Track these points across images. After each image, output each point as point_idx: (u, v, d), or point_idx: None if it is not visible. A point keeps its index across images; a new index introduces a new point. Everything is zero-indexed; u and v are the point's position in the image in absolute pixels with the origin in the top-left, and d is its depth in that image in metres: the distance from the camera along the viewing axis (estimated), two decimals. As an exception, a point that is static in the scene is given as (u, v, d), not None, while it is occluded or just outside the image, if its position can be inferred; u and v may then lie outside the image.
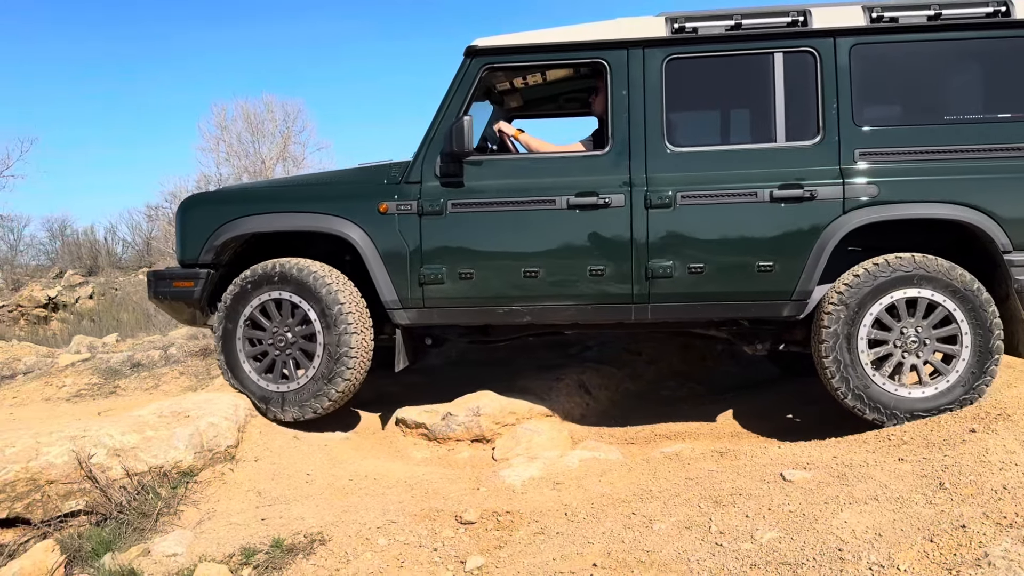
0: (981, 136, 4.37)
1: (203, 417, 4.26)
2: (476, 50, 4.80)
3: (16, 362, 11.72)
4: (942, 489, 3.30)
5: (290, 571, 3.33)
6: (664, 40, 4.62)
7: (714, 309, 4.60)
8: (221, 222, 4.93)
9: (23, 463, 3.76)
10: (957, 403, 4.24)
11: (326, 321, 4.72)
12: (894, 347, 4.35)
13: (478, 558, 3.29)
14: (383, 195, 4.82)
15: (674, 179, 4.56)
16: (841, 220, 4.38)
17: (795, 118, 4.52)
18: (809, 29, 4.49)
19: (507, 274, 4.70)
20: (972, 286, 4.29)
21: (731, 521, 3.25)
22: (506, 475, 4.16)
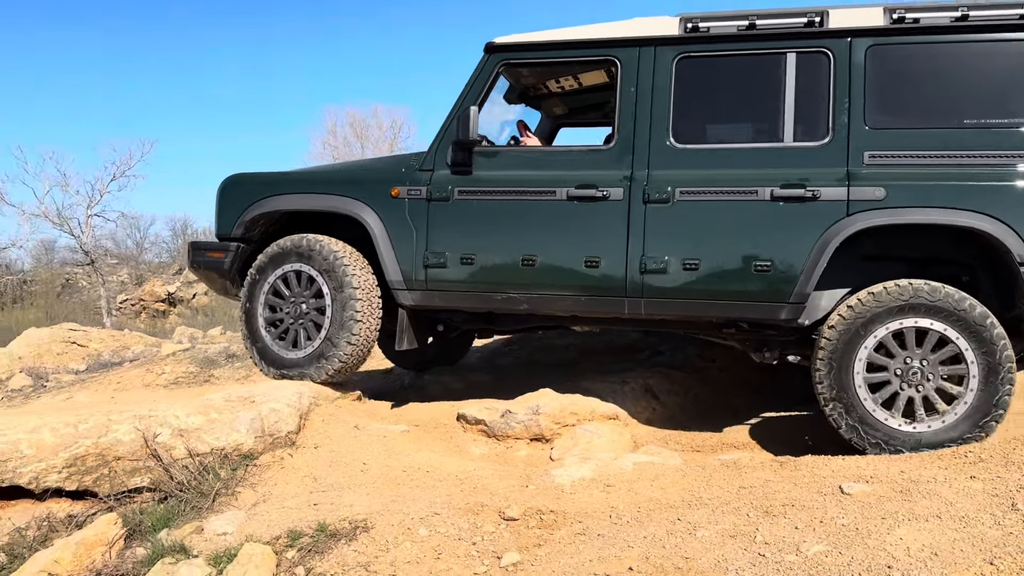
0: (1001, 141, 4.10)
1: (266, 403, 4.37)
2: (494, 47, 4.92)
3: (125, 350, 12.40)
4: (1014, 510, 3.06)
5: (331, 555, 3.37)
6: (676, 39, 4.61)
7: (709, 308, 4.52)
8: (252, 200, 5.22)
9: (94, 439, 3.94)
10: (961, 440, 3.98)
11: (335, 291, 4.94)
12: (895, 378, 4.14)
13: (514, 554, 3.25)
14: (398, 181, 4.99)
15: (674, 175, 4.53)
16: (844, 223, 4.21)
17: (804, 118, 4.41)
18: (825, 29, 4.37)
19: (506, 261, 4.79)
20: (978, 315, 4.03)
21: (778, 532, 3.11)
22: (557, 474, 4.10)
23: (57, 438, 3.89)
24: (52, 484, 3.83)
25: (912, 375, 4.10)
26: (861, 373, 4.17)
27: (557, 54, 4.94)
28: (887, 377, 4.16)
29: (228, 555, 3.36)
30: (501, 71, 4.91)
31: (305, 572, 3.31)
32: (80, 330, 12.89)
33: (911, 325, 4.12)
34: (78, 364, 11.69)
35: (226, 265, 5.30)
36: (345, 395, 5.03)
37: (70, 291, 32.25)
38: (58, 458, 3.84)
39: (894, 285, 4.17)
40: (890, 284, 4.18)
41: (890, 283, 4.18)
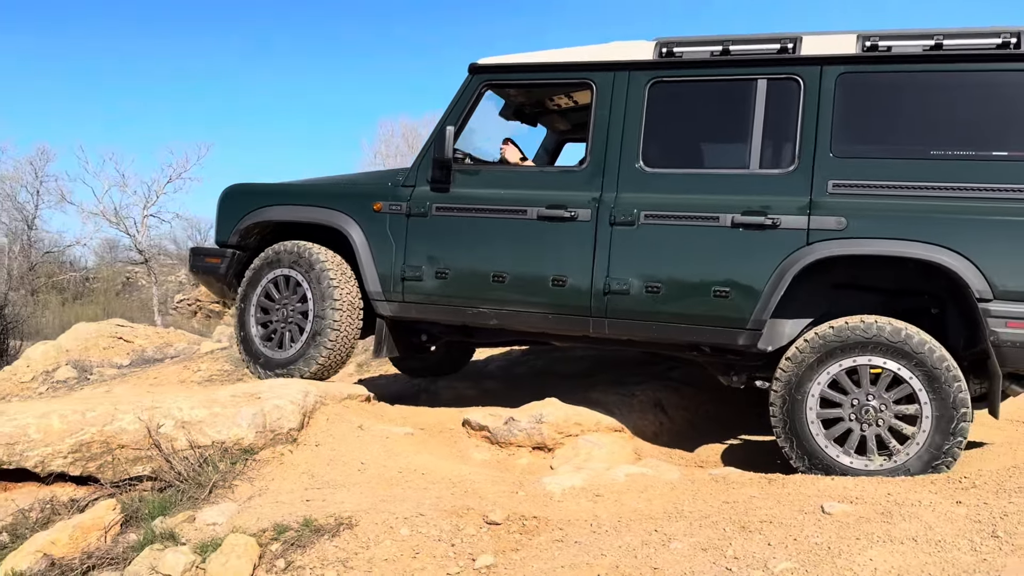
0: (966, 174, 4.02)
1: (270, 400, 4.47)
2: (478, 68, 5.06)
3: (168, 347, 12.75)
4: (993, 537, 3.00)
5: (313, 550, 3.44)
6: (649, 64, 4.64)
7: (669, 330, 4.54)
8: (248, 210, 5.48)
9: (99, 426, 4.08)
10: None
11: (317, 294, 5.15)
12: (848, 415, 4.09)
13: (489, 557, 3.29)
14: (382, 196, 5.15)
15: (641, 199, 4.56)
16: (803, 251, 4.18)
17: (771, 146, 4.40)
18: (796, 56, 4.34)
19: (477, 277, 4.90)
20: (932, 355, 3.96)
21: (751, 548, 3.09)
22: (548, 482, 4.12)
23: (64, 424, 4.04)
24: (57, 469, 3.97)
25: (865, 413, 4.05)
26: (815, 408, 4.14)
27: (537, 76, 5.08)
28: (841, 413, 4.12)
29: (214, 544, 3.46)
30: (484, 91, 5.05)
31: (286, 564, 3.39)
32: (127, 326, 13.27)
33: (865, 363, 4.08)
34: (122, 359, 12.04)
35: (222, 270, 5.57)
36: (354, 396, 5.11)
37: (130, 289, 33.23)
38: (64, 444, 3.98)
39: (853, 321, 4.13)
40: (851, 319, 4.14)
41: (851, 318, 4.14)
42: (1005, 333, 3.86)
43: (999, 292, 3.88)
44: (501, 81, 5.12)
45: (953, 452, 3.94)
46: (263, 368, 5.34)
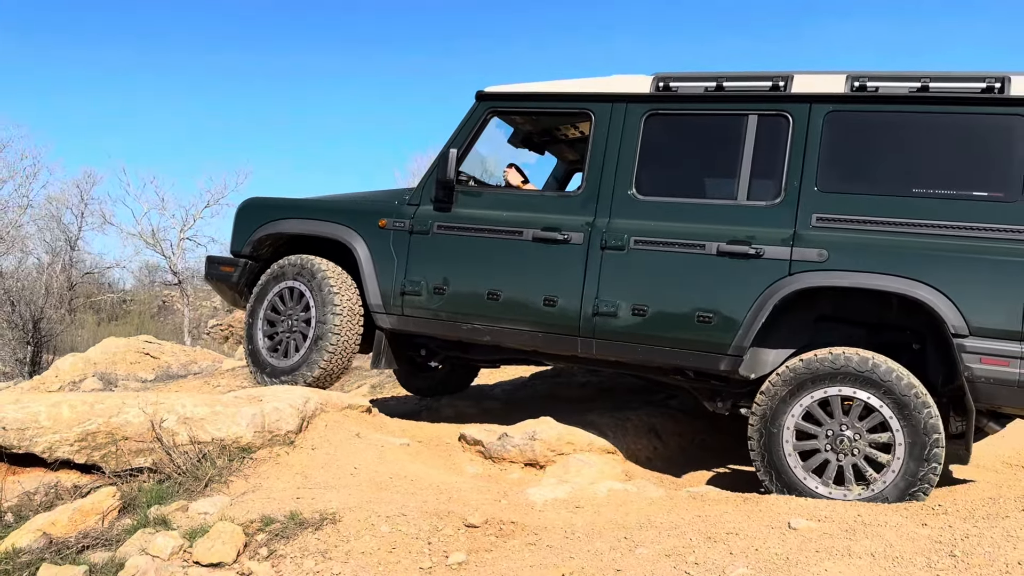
0: (949, 212, 4.11)
1: (270, 402, 4.64)
2: (484, 95, 5.28)
3: (193, 364, 13.04)
4: (950, 556, 3.06)
5: (296, 541, 3.58)
6: (646, 96, 4.82)
7: (654, 353, 4.65)
8: (261, 223, 5.73)
9: (106, 418, 4.27)
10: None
11: (319, 302, 5.36)
12: (824, 446, 4.16)
13: (461, 555, 3.40)
14: (387, 213, 5.37)
15: (631, 225, 4.71)
16: (784, 281, 4.28)
17: (759, 178, 4.52)
18: (787, 94, 4.48)
19: (473, 294, 5.07)
20: (899, 383, 4.02)
21: (712, 555, 3.18)
22: (531, 493, 4.23)
23: (73, 414, 4.24)
24: (63, 456, 4.16)
25: (840, 443, 4.12)
26: (791, 441, 4.22)
27: (540, 105, 5.29)
28: (817, 444, 4.19)
29: (202, 530, 3.61)
30: (490, 118, 5.28)
31: (268, 552, 3.53)
32: (155, 343, 13.63)
33: (836, 394, 4.16)
34: (147, 374, 12.36)
35: (234, 279, 5.83)
36: (354, 406, 5.26)
37: (165, 312, 33.84)
38: (72, 432, 4.18)
39: (821, 353, 4.21)
40: (820, 352, 4.22)
41: (820, 351, 4.23)
42: (979, 369, 3.92)
43: (974, 328, 3.94)
44: (506, 108, 5.35)
45: (928, 478, 3.98)
46: (269, 377, 5.53)
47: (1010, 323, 3.91)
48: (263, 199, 6.03)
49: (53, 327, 20.84)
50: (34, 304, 20.56)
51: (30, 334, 19.49)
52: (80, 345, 21.41)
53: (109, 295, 33.39)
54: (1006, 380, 3.89)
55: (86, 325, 28.19)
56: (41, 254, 29.62)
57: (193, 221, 31.41)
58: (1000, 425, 4.29)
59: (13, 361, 18.90)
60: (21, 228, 28.69)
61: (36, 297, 21.46)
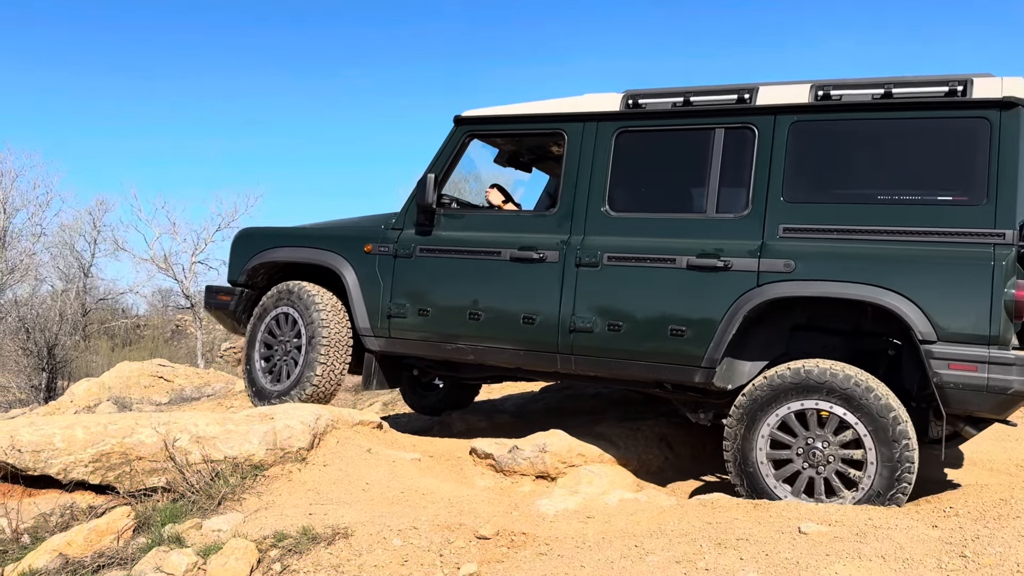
0: (915, 218, 4.12)
1: (281, 420, 4.68)
2: (461, 119, 5.39)
3: (206, 387, 13.11)
4: (961, 557, 3.06)
5: (309, 556, 3.60)
6: (616, 114, 4.89)
7: (631, 367, 4.70)
8: (255, 252, 5.87)
9: (119, 438, 4.32)
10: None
11: (308, 324, 5.49)
12: (796, 457, 4.17)
13: (473, 566, 3.42)
14: (372, 238, 5.48)
15: (605, 241, 4.76)
16: (753, 292, 4.31)
17: (727, 191, 4.55)
18: (752, 106, 4.51)
19: (455, 314, 5.14)
20: (857, 388, 4.03)
21: (723, 561, 3.18)
22: (542, 504, 4.25)
23: (87, 435, 4.29)
24: (78, 477, 4.21)
25: (813, 455, 4.13)
26: (764, 450, 4.24)
27: (515, 127, 5.39)
28: (790, 455, 4.21)
29: (216, 548, 3.64)
30: (469, 141, 5.38)
31: (282, 568, 3.55)
32: (168, 366, 13.71)
33: (809, 407, 4.16)
34: (161, 397, 12.43)
35: (231, 307, 5.96)
36: (365, 422, 5.29)
37: (178, 337, 34.02)
38: (86, 453, 4.23)
39: (780, 369, 4.24)
40: (793, 364, 4.24)
41: (794, 363, 4.24)
42: (947, 375, 3.91)
43: (943, 334, 3.93)
44: (484, 132, 5.45)
45: (902, 487, 3.97)
46: (263, 400, 5.67)
47: (978, 327, 3.89)
48: (257, 229, 6.21)
49: (68, 353, 20.99)
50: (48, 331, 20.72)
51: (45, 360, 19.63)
52: (95, 370, 21.54)
53: (123, 320, 33.60)
54: (975, 385, 3.87)
55: (100, 351, 28.36)
56: (55, 281, 29.88)
57: (205, 245, 31.64)
58: (977, 429, 4.25)
59: (29, 387, 19.04)
60: (35, 256, 28.96)
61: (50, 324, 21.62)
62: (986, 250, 3.97)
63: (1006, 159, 4.02)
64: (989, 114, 4.08)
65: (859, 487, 4.04)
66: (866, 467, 4.03)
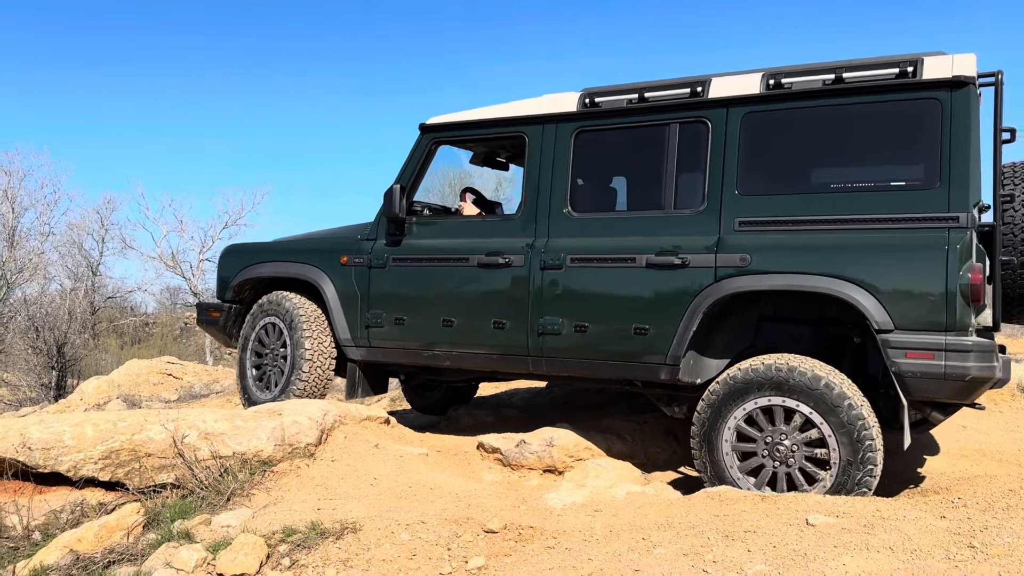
0: (868, 205, 4.07)
1: (289, 416, 4.69)
2: (427, 127, 5.43)
3: (215, 383, 13.15)
4: (969, 548, 3.06)
5: (318, 551, 3.62)
6: (573, 115, 4.87)
7: (599, 368, 4.71)
8: (239, 268, 5.98)
9: (128, 435, 4.34)
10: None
11: (291, 334, 5.61)
12: (763, 453, 4.18)
13: (481, 559, 3.43)
14: (347, 250, 5.54)
15: (568, 243, 4.75)
16: (712, 288, 4.29)
17: (684, 187, 4.53)
18: (704, 100, 4.48)
19: (429, 322, 5.18)
20: (835, 396, 3.99)
21: (730, 554, 3.18)
22: (550, 498, 4.26)
23: (97, 432, 4.31)
24: (88, 474, 4.23)
25: (777, 452, 4.14)
26: (730, 442, 4.24)
27: (478, 132, 5.37)
28: (754, 449, 4.22)
29: (225, 543, 3.66)
30: (436, 148, 5.40)
31: (291, 563, 3.57)
32: (177, 363, 13.76)
33: (762, 405, 4.17)
34: (170, 394, 12.48)
35: (221, 322, 6.07)
36: (373, 418, 5.31)
37: (187, 334, 34.12)
38: (95, 450, 4.25)
39: (759, 362, 4.21)
40: (755, 360, 4.23)
41: (756, 359, 4.23)
42: (905, 363, 3.89)
43: (899, 323, 3.91)
44: (449, 138, 5.46)
45: (864, 480, 3.97)
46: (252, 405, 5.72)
47: (934, 314, 3.87)
48: (242, 245, 6.30)
49: (77, 351, 21.04)
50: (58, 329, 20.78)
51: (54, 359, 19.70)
52: (104, 368, 21.62)
53: (131, 318, 33.71)
54: (933, 373, 3.85)
55: (109, 349, 28.45)
56: (64, 280, 29.99)
57: (212, 242, 31.72)
58: (944, 414, 4.22)
59: (39, 386, 19.11)
60: (43, 255, 29.06)
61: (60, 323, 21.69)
62: (940, 235, 3.93)
63: (958, 140, 3.97)
64: (939, 94, 4.03)
65: (820, 484, 4.05)
66: (829, 466, 4.04)
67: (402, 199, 5.26)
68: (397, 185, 5.27)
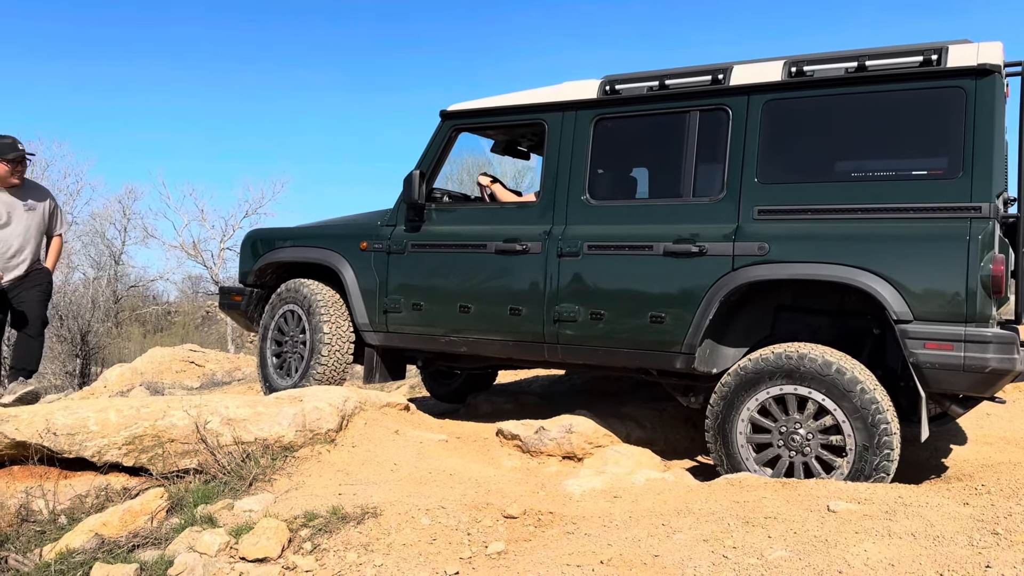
0: (888, 194, 4.01)
1: (310, 402, 4.72)
2: (447, 113, 5.42)
3: (237, 371, 13.25)
4: (992, 534, 3.03)
5: (339, 535, 3.65)
6: (593, 102, 4.85)
7: (614, 355, 4.69)
8: (262, 253, 6.01)
9: (152, 421, 4.38)
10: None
11: (310, 321, 5.66)
12: (778, 443, 4.15)
13: (500, 544, 3.44)
14: (367, 236, 5.55)
15: (586, 230, 4.74)
16: (729, 277, 4.26)
17: (703, 175, 4.50)
18: (725, 87, 4.44)
19: (447, 308, 5.19)
20: (847, 381, 3.95)
21: (750, 539, 3.18)
22: (569, 484, 4.26)
23: (120, 418, 4.36)
24: (112, 459, 4.28)
25: (793, 440, 4.11)
26: (744, 433, 4.23)
27: (499, 119, 5.36)
28: (770, 439, 4.20)
29: (247, 527, 3.69)
30: (456, 135, 5.41)
31: (312, 547, 3.60)
32: (199, 351, 13.86)
33: (788, 392, 4.14)
34: (193, 382, 12.58)
35: (243, 306, 6.11)
36: (392, 404, 5.33)
37: (209, 322, 34.40)
38: (119, 436, 4.29)
39: (769, 352, 4.19)
40: (765, 350, 4.21)
41: (767, 348, 4.21)
42: (923, 354, 3.84)
43: (918, 313, 3.87)
44: (469, 125, 5.46)
45: (882, 466, 3.95)
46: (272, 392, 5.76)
47: (953, 305, 3.81)
48: (264, 230, 6.36)
49: (100, 340, 21.31)
50: (82, 318, 21.04)
51: (78, 347, 19.95)
52: (127, 356, 21.87)
53: (154, 307, 34.02)
54: (952, 364, 3.80)
55: (132, 337, 28.76)
56: (87, 269, 30.29)
57: (233, 231, 31.90)
58: (964, 408, 4.16)
59: (63, 374, 19.38)
60: (67, 244, 29.32)
61: (83, 311, 21.95)
62: (962, 225, 3.87)
63: (982, 129, 3.91)
64: (964, 83, 3.97)
65: (837, 471, 4.03)
66: (844, 443, 4.02)
67: (421, 185, 5.27)
68: (417, 171, 5.28)
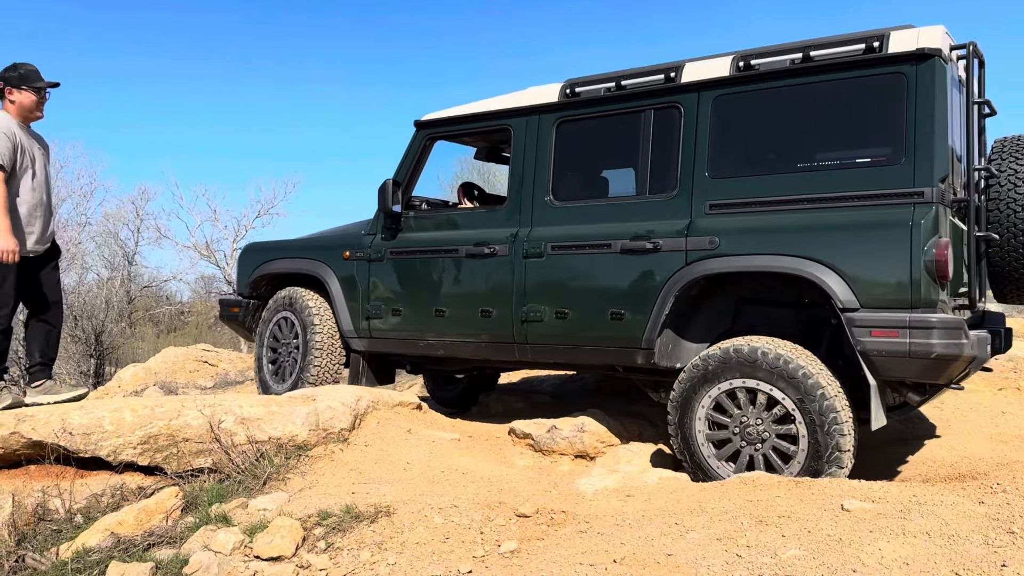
0: (832, 184, 4.02)
1: (323, 401, 4.74)
2: (421, 123, 5.55)
3: (250, 370, 13.29)
4: (1008, 534, 3.02)
5: (352, 534, 3.66)
6: (555, 105, 4.95)
7: (580, 353, 4.77)
8: (256, 265, 6.20)
9: (166, 421, 4.41)
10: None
11: (302, 327, 5.80)
12: (734, 436, 4.19)
13: (513, 543, 3.44)
14: (350, 245, 5.69)
15: (549, 232, 4.82)
16: (683, 272, 4.31)
17: (658, 173, 4.56)
18: (676, 85, 4.49)
19: (424, 312, 5.32)
20: (795, 372, 3.97)
21: (764, 538, 3.17)
22: (581, 483, 4.27)
23: (135, 418, 4.39)
24: (127, 458, 4.31)
25: (748, 432, 4.13)
26: (703, 432, 4.26)
27: (470, 126, 5.44)
28: (727, 435, 4.22)
29: (261, 526, 3.71)
30: (431, 144, 5.52)
31: (326, 545, 3.61)
32: (212, 351, 13.93)
33: (730, 387, 4.18)
34: (206, 381, 12.64)
35: (240, 317, 6.31)
36: (405, 403, 5.35)
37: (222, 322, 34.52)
38: (134, 435, 4.32)
39: (712, 349, 4.23)
40: (718, 345, 4.25)
41: (724, 343, 4.24)
42: (870, 342, 3.86)
43: (864, 301, 3.88)
44: (442, 133, 5.57)
45: (836, 458, 3.98)
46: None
47: (898, 292, 3.82)
48: (259, 243, 6.51)
49: (114, 340, 21.43)
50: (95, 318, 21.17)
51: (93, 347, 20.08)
52: (141, 356, 21.97)
53: (167, 307, 34.16)
54: (897, 351, 3.81)
55: (146, 337, 28.88)
56: (100, 270, 30.44)
57: (245, 231, 31.99)
58: (921, 396, 4.16)
59: (78, 374, 19.50)
60: (80, 245, 29.51)
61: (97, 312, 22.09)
62: (905, 211, 3.88)
63: (923, 113, 3.92)
64: (905, 68, 3.98)
65: (794, 460, 4.06)
66: (797, 435, 4.04)
67: (396, 193, 5.40)
68: (391, 180, 5.39)
